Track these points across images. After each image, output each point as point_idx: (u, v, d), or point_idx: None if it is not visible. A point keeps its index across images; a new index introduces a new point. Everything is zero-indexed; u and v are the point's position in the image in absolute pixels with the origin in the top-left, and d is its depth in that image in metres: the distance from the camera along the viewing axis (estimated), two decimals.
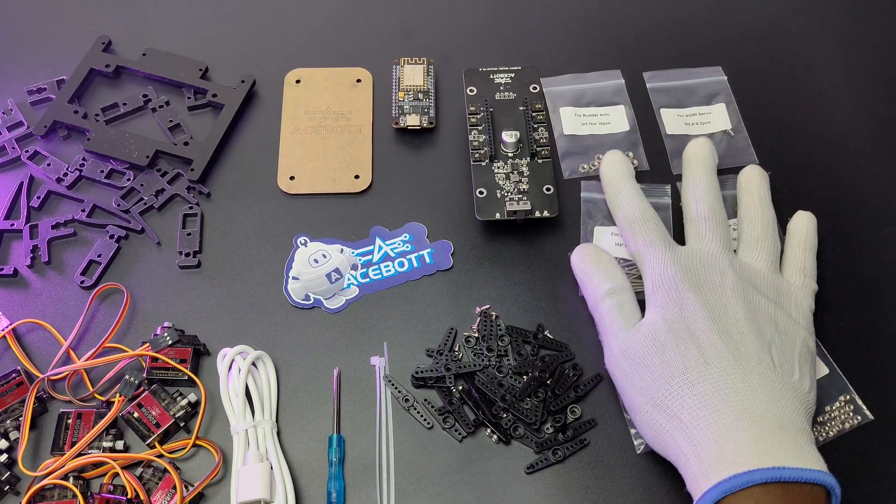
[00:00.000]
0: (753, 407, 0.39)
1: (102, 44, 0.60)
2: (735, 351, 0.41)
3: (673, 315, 0.43)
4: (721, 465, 0.38)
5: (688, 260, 0.46)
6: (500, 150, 0.53)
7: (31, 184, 0.55)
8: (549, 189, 0.51)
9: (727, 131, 0.57)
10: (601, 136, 0.57)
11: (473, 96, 0.55)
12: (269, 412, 0.46)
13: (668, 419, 0.41)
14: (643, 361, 0.43)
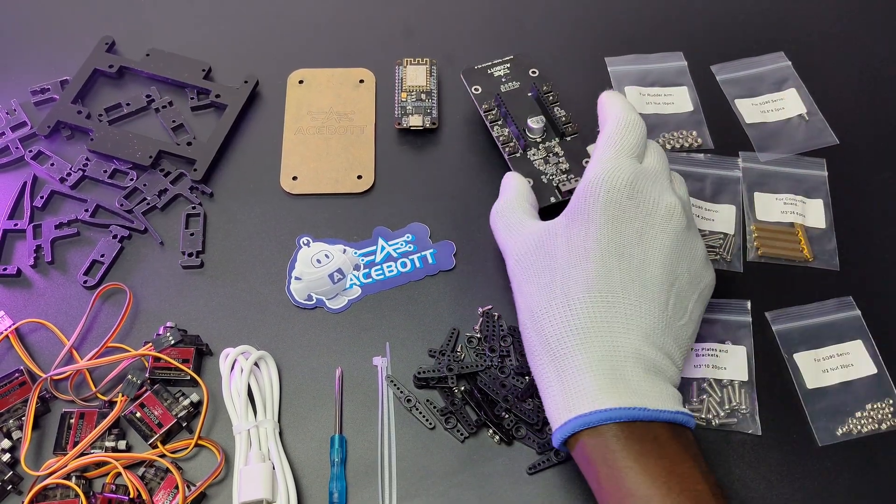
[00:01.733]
0: (625, 345, 0.39)
1: (106, 44, 0.60)
2: (629, 284, 0.40)
3: (580, 226, 0.41)
4: (583, 398, 0.38)
5: (630, 172, 0.42)
6: (527, 137, 0.53)
7: (34, 184, 0.55)
8: (586, 162, 0.51)
9: (802, 115, 0.58)
10: (665, 115, 0.59)
11: (480, 94, 0.55)
12: (272, 412, 0.46)
13: (540, 341, 0.40)
14: (531, 268, 0.42)
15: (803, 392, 0.48)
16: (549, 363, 0.40)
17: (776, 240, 0.53)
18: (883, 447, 0.46)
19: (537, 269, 0.42)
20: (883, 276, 0.52)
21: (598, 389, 0.38)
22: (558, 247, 0.41)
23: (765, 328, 0.50)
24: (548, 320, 0.40)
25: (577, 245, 0.41)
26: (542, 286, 0.41)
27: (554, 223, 0.43)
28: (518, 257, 0.43)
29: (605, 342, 0.39)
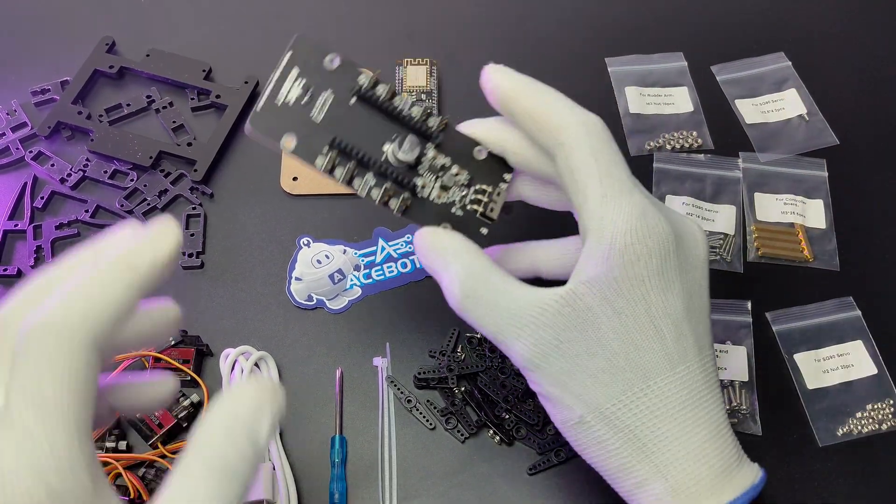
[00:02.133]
0: (719, 415, 0.33)
1: (106, 45, 0.60)
2: (703, 339, 0.34)
3: (635, 297, 0.32)
4: (700, 493, 0.32)
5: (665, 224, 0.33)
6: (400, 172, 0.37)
7: (34, 184, 0.55)
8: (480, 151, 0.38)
9: (802, 116, 0.58)
10: (665, 115, 0.59)
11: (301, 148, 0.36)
12: None
13: (619, 436, 0.32)
14: (578, 356, 0.32)
15: (803, 392, 0.48)
16: (639, 459, 0.32)
17: (776, 240, 0.53)
18: (883, 447, 0.46)
19: (578, 353, 0.32)
20: (883, 277, 0.52)
21: (714, 477, 0.32)
22: (603, 322, 0.32)
23: (765, 328, 0.50)
24: (629, 412, 0.32)
25: (637, 316, 0.32)
26: (598, 373, 0.32)
27: (575, 293, 0.33)
28: (539, 345, 0.33)
29: (705, 418, 0.33)
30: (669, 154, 0.57)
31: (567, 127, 0.34)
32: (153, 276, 0.26)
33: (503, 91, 0.35)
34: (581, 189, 0.33)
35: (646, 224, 0.32)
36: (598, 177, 0.33)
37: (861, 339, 0.49)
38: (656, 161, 0.56)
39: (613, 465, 0.33)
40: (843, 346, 0.49)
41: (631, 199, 0.33)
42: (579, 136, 0.33)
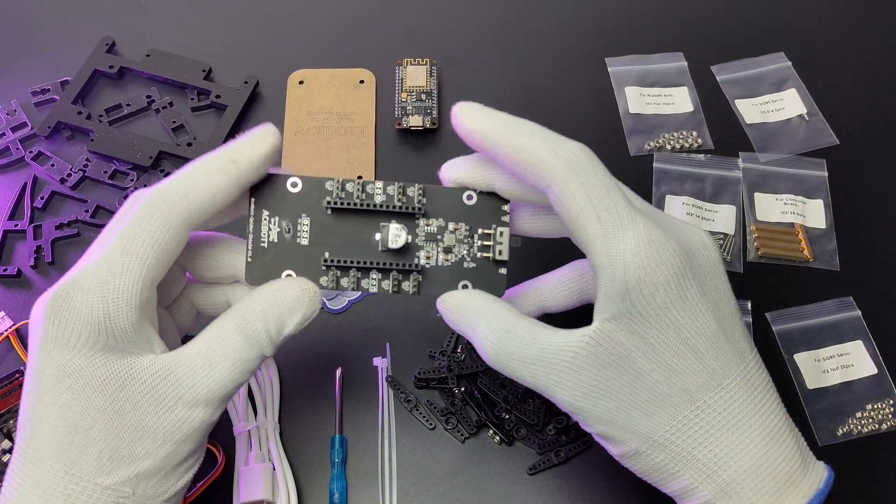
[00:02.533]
0: (777, 417, 0.33)
1: (106, 45, 0.60)
2: (738, 354, 0.33)
3: (664, 325, 0.32)
4: (775, 496, 0.32)
5: (676, 248, 0.32)
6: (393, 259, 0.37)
7: (34, 184, 0.55)
8: (470, 197, 0.37)
9: (802, 115, 0.58)
10: (665, 115, 0.59)
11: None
12: (272, 413, 0.46)
13: (678, 461, 0.32)
14: (617, 394, 0.32)
15: (803, 392, 0.48)
16: (702, 480, 0.32)
17: (776, 240, 0.53)
18: (883, 447, 0.46)
19: (619, 390, 0.32)
20: (883, 277, 0.52)
21: (779, 487, 0.32)
22: (637, 356, 0.32)
23: (765, 328, 0.50)
24: (683, 436, 0.32)
25: (670, 342, 0.32)
26: (644, 405, 0.32)
27: (603, 333, 0.32)
28: (579, 388, 0.33)
29: (762, 425, 0.32)
30: (669, 154, 0.57)
31: (551, 169, 0.32)
32: (250, 169, 0.33)
33: (477, 137, 0.34)
34: (581, 229, 0.32)
35: (654, 252, 0.32)
36: (595, 215, 0.32)
37: (861, 340, 0.49)
38: (656, 161, 0.56)
39: (678, 486, 0.33)
40: (843, 347, 0.49)
41: (634, 231, 0.32)
42: (566, 177, 0.32)
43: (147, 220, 0.31)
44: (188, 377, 0.32)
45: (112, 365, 0.31)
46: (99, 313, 0.31)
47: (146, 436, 0.32)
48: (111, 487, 0.31)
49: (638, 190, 0.55)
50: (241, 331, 0.33)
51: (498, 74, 0.61)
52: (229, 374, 0.33)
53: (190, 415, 0.32)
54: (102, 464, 0.31)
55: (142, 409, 0.31)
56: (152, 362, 0.32)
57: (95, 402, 0.31)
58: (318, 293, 0.35)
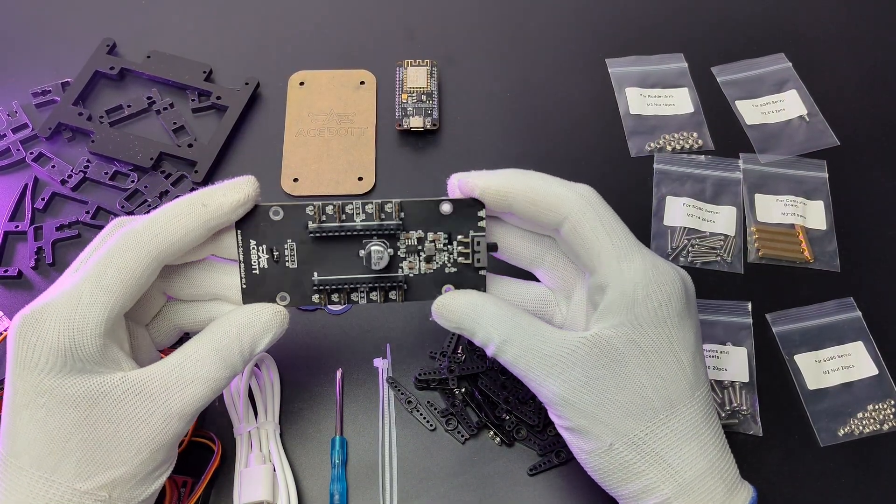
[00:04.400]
0: (721, 432, 0.37)
1: (107, 46, 0.60)
2: (705, 371, 0.37)
3: (658, 339, 0.36)
4: (723, 501, 0.35)
5: (669, 268, 0.37)
6: (377, 275, 0.38)
7: (35, 185, 0.55)
8: (448, 205, 0.38)
9: (803, 116, 0.58)
10: (666, 116, 0.59)
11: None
12: (272, 414, 0.46)
13: (646, 460, 0.35)
14: (607, 391, 0.35)
15: (804, 393, 0.48)
16: (664, 479, 0.35)
17: (777, 241, 0.53)
18: (884, 448, 0.46)
19: (607, 388, 0.35)
20: (884, 278, 0.52)
21: (729, 488, 0.36)
22: (630, 360, 0.35)
23: (765, 329, 0.50)
24: (656, 437, 0.35)
25: (662, 352, 0.36)
26: (628, 405, 0.35)
27: (601, 337, 0.35)
28: (569, 381, 0.35)
29: (715, 435, 0.36)
30: (670, 155, 0.57)
31: (569, 201, 0.37)
32: (219, 214, 0.35)
33: (494, 190, 0.37)
34: (596, 253, 0.36)
35: (659, 274, 0.36)
36: (609, 239, 0.36)
37: (861, 340, 0.49)
38: (657, 162, 0.56)
39: (637, 487, 0.36)
40: (843, 347, 0.49)
41: (642, 255, 0.36)
42: (582, 207, 0.37)
43: (118, 257, 0.34)
44: (162, 392, 0.34)
45: (82, 384, 0.33)
46: (65, 340, 0.33)
47: (121, 446, 0.34)
48: (89, 492, 0.33)
49: (638, 191, 0.56)
50: (217, 352, 0.35)
51: (498, 75, 0.61)
52: (202, 391, 0.35)
53: (164, 427, 0.34)
54: (80, 471, 0.33)
55: (116, 422, 0.34)
56: (122, 379, 0.34)
57: (70, 417, 0.33)
58: (287, 315, 0.37)
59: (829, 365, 0.49)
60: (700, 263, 0.53)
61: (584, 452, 0.37)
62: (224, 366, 0.35)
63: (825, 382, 0.48)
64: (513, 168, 0.38)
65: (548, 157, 0.57)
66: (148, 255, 0.34)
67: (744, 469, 0.45)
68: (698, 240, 0.53)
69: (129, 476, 0.34)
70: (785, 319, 0.50)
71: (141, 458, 0.34)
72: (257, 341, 0.36)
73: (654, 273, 0.36)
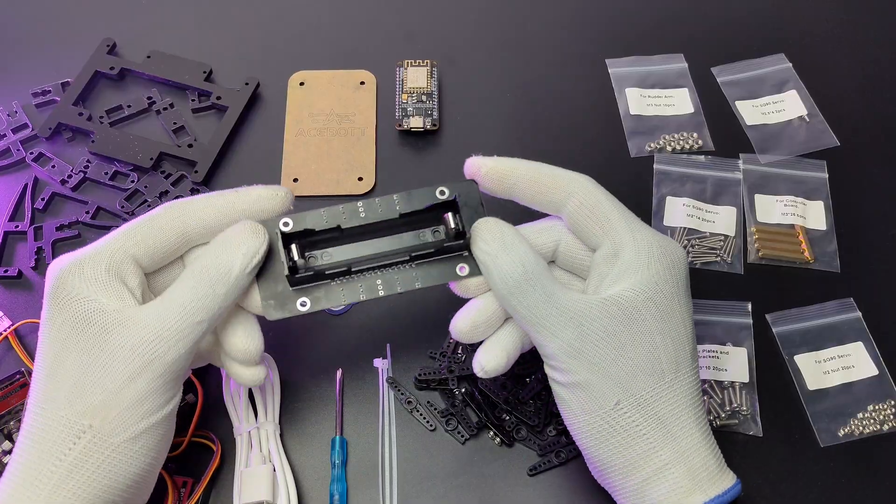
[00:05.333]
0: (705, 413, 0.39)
1: (107, 46, 0.60)
2: (697, 344, 0.39)
3: (671, 299, 0.37)
4: (712, 479, 0.36)
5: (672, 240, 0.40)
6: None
7: (35, 185, 0.55)
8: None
9: (803, 117, 0.58)
10: (666, 117, 0.59)
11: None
12: (272, 414, 0.46)
13: (649, 422, 0.36)
14: (623, 346, 0.36)
15: (804, 393, 0.48)
16: (664, 444, 0.36)
17: (777, 241, 0.53)
18: (885, 448, 0.46)
19: (623, 344, 0.36)
20: (884, 278, 0.52)
21: (719, 466, 0.37)
22: (647, 318, 0.36)
23: (765, 330, 0.50)
24: (661, 399, 0.36)
25: (674, 314, 0.37)
26: (640, 362, 0.36)
27: (621, 297, 0.36)
28: (586, 334, 0.36)
29: (705, 416, 0.37)
30: (670, 155, 0.57)
31: (573, 180, 0.39)
32: (249, 201, 0.38)
33: (500, 170, 0.40)
34: (606, 222, 0.38)
35: (666, 242, 0.38)
36: (617, 211, 0.39)
37: (861, 341, 0.49)
38: (657, 162, 0.56)
39: (636, 452, 0.36)
40: (843, 348, 0.49)
41: (646, 227, 0.39)
42: (587, 184, 0.39)
43: (151, 215, 0.38)
44: (143, 319, 0.35)
45: (81, 306, 0.35)
46: (75, 265, 0.36)
47: (102, 372, 0.35)
48: (71, 419, 0.34)
49: (639, 191, 0.56)
50: (191, 273, 0.37)
51: (498, 76, 0.61)
52: (178, 313, 0.35)
53: (142, 351, 0.35)
54: (69, 396, 0.35)
55: (100, 346, 0.35)
56: (117, 308, 0.35)
57: (68, 338, 0.35)
58: (258, 229, 0.37)
59: (829, 365, 0.49)
60: (700, 264, 0.53)
61: (584, 413, 0.37)
62: (198, 286, 0.36)
63: (825, 383, 0.48)
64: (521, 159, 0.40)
65: (548, 157, 0.56)
66: (175, 217, 0.38)
67: (744, 469, 0.45)
68: (698, 240, 0.53)
69: (108, 404, 0.34)
70: (785, 320, 0.50)
71: (118, 382, 0.34)
72: (231, 256, 0.36)
73: (663, 240, 0.38)
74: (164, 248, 0.38)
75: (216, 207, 0.38)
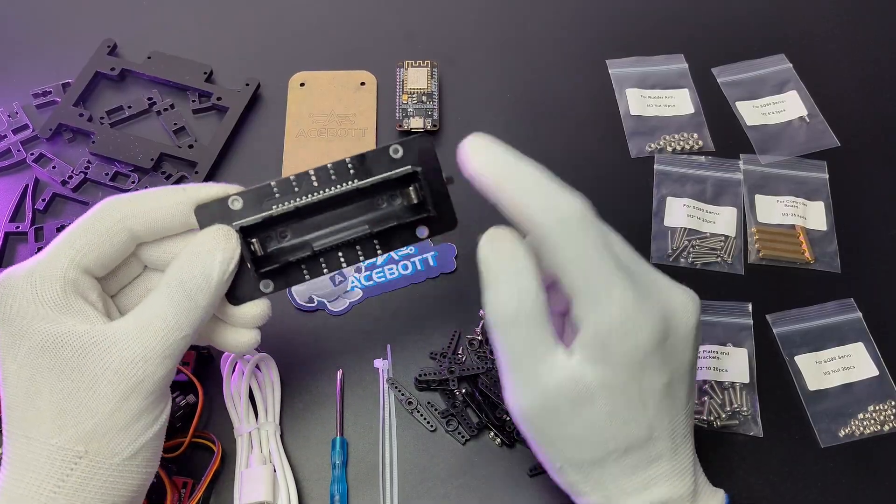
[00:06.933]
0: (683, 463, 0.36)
1: (108, 47, 0.60)
2: (674, 411, 0.35)
3: (629, 379, 0.34)
4: None
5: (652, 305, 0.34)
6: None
7: (36, 186, 0.55)
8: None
9: (803, 117, 0.58)
10: (666, 117, 0.59)
11: None
12: (273, 415, 0.46)
13: (589, 485, 0.35)
14: (566, 418, 0.34)
15: (805, 394, 0.48)
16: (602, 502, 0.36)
17: (777, 242, 0.53)
18: (885, 449, 0.46)
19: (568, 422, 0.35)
20: (884, 279, 0.52)
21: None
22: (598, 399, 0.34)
23: (766, 330, 0.50)
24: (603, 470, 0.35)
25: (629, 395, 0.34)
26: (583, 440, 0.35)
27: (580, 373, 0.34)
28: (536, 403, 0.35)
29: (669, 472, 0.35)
30: (670, 156, 0.57)
31: (545, 228, 0.34)
32: (196, 199, 0.36)
33: (484, 180, 0.36)
34: (570, 283, 0.34)
35: (638, 313, 0.34)
36: (583, 275, 0.34)
37: (862, 341, 0.49)
38: (657, 163, 0.56)
39: (579, 499, 0.36)
40: (844, 348, 0.49)
41: (621, 292, 0.33)
42: (561, 236, 0.34)
43: (90, 217, 0.35)
44: (122, 338, 0.34)
45: (47, 330, 0.33)
46: (28, 288, 0.34)
47: (88, 396, 0.33)
48: (64, 447, 0.33)
49: (639, 192, 0.55)
50: (167, 287, 0.35)
51: (499, 76, 0.61)
52: (162, 329, 0.34)
53: (128, 372, 0.33)
54: (55, 424, 0.33)
55: (81, 371, 0.33)
56: (88, 329, 0.34)
57: (39, 365, 0.33)
58: (230, 233, 0.36)
59: (829, 366, 0.49)
60: (700, 264, 0.53)
61: (541, 462, 0.37)
62: (178, 300, 0.34)
63: (826, 383, 0.48)
64: (515, 159, 0.36)
65: (548, 157, 0.57)
66: (119, 220, 0.35)
67: (744, 469, 0.45)
68: (699, 240, 0.53)
69: (103, 428, 0.33)
70: (785, 320, 0.50)
71: (109, 406, 0.33)
72: (208, 266, 0.35)
73: (632, 312, 0.33)
74: (114, 255, 0.36)
75: (164, 207, 0.36)
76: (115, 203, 0.36)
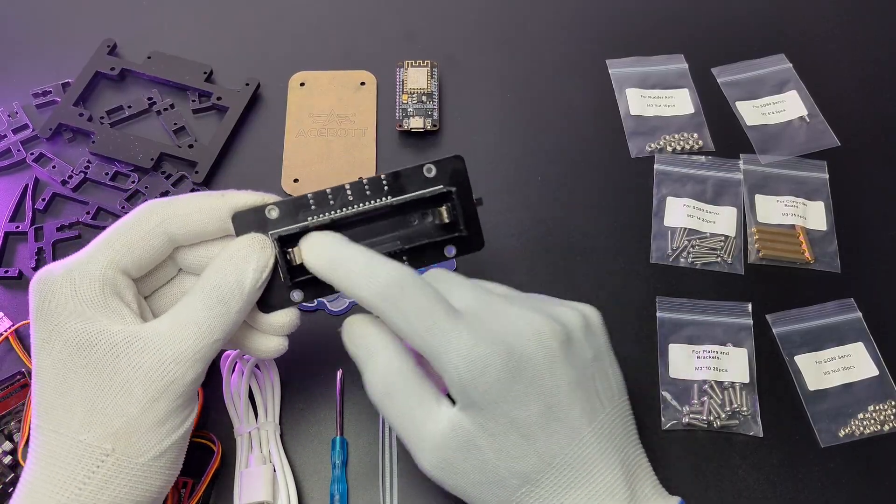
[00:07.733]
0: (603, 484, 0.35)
1: (108, 47, 0.60)
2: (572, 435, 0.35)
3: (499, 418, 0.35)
4: None
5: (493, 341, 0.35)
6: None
7: (36, 186, 0.55)
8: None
9: (803, 117, 0.58)
10: (666, 117, 0.59)
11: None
12: (273, 415, 0.46)
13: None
14: (463, 466, 0.35)
15: (805, 394, 0.48)
16: None
17: (777, 242, 0.53)
18: (885, 449, 0.46)
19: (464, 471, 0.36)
20: (884, 278, 0.52)
21: None
22: (482, 444, 0.35)
23: (766, 330, 0.50)
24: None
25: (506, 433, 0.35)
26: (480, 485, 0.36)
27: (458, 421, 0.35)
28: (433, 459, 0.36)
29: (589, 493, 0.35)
30: (670, 156, 0.57)
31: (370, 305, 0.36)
32: (234, 205, 0.37)
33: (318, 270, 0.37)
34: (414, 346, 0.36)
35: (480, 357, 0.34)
36: (419, 336, 0.35)
37: (862, 341, 0.49)
38: (657, 163, 0.56)
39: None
40: (844, 348, 0.49)
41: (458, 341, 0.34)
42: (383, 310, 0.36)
43: (129, 220, 0.36)
44: (156, 339, 0.34)
45: (82, 328, 0.34)
46: (67, 285, 0.34)
47: (119, 395, 0.34)
48: (92, 444, 0.33)
49: (639, 192, 0.55)
50: (202, 291, 0.36)
51: (499, 76, 0.61)
52: (194, 332, 0.35)
53: (159, 373, 0.34)
54: (84, 420, 0.34)
55: (113, 370, 0.34)
56: (122, 329, 0.34)
57: (72, 362, 0.34)
58: (265, 242, 0.37)
59: (829, 366, 0.49)
60: (700, 264, 0.53)
61: None
62: (212, 304, 0.35)
63: (826, 383, 0.48)
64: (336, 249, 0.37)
65: (548, 157, 0.57)
66: (158, 223, 0.36)
67: (744, 469, 0.45)
68: (699, 240, 0.53)
69: (130, 427, 0.34)
70: (785, 320, 0.50)
71: (139, 406, 0.34)
72: (241, 271, 0.36)
73: (473, 357, 0.34)
74: (151, 257, 0.37)
75: (202, 212, 0.37)
76: (155, 206, 0.37)
